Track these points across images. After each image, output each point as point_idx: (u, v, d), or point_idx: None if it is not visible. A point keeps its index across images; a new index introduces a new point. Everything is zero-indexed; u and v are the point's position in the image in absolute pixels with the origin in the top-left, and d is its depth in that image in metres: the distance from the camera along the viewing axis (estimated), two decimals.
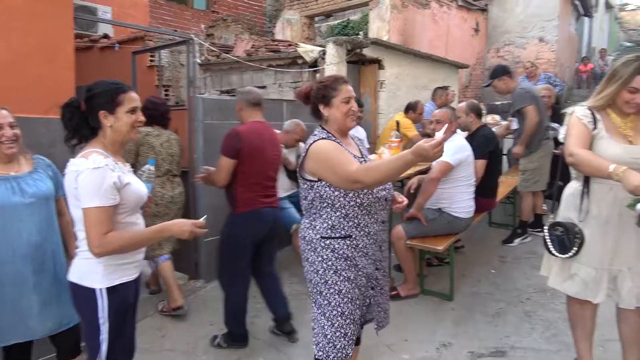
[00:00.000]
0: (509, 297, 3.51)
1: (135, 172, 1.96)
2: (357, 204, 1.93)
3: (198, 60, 6.64)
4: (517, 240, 4.61)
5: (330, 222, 1.94)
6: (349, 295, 1.96)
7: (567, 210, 2.31)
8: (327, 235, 1.94)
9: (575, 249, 2.17)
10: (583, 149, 2.11)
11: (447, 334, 3.04)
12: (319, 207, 1.96)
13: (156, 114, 3.40)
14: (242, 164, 2.78)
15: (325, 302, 1.95)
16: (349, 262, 1.96)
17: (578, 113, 2.23)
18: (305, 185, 1.98)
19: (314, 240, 1.97)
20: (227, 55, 6.68)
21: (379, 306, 2.11)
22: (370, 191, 1.93)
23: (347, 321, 1.96)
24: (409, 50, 7.01)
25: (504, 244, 4.61)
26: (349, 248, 1.95)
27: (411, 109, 5.46)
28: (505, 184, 4.76)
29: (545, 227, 2.30)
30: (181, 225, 1.75)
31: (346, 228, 1.94)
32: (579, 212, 2.23)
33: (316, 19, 11.18)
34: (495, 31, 12.21)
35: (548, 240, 2.28)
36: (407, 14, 8.76)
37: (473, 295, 3.58)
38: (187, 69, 4.12)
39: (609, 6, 21.48)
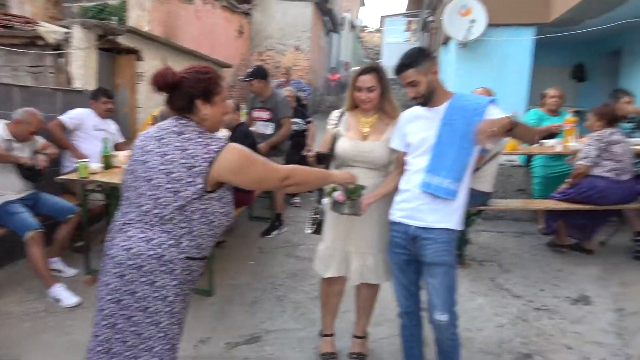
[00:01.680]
0: (265, 285, 3.74)
1: None
2: (226, 225, 1.83)
3: None
4: (274, 232, 4.94)
5: (199, 241, 1.73)
6: (182, 325, 1.80)
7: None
8: (191, 256, 1.72)
9: (315, 227, 2.52)
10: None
11: (206, 329, 3.05)
12: (194, 222, 1.69)
13: None
14: None
15: (161, 333, 1.70)
16: (192, 285, 1.80)
17: (329, 117, 2.61)
18: (195, 196, 1.65)
19: (175, 261, 1.68)
20: None
21: None
22: None
23: (174, 355, 1.78)
24: (171, 44, 6.80)
25: (262, 236, 4.88)
26: (200, 270, 1.82)
27: None
28: None
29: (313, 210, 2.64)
30: None
31: (207, 249, 1.79)
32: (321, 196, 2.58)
33: None
34: (258, 35, 12.88)
35: (308, 220, 2.62)
36: (169, 7, 8.48)
37: (232, 287, 3.68)
38: None
39: (352, 26, 24.95)
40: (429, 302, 2.20)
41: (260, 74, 4.73)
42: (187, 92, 1.70)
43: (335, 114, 2.61)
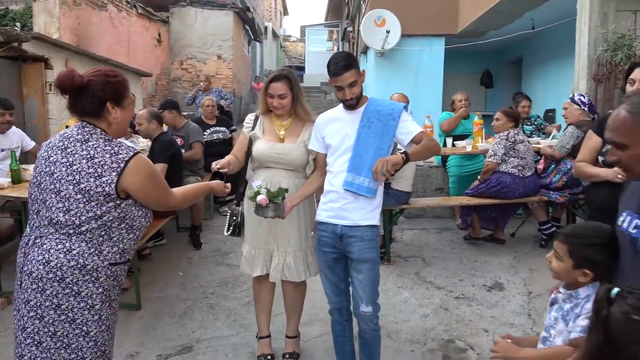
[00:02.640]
0: (196, 294, 3.67)
1: None
2: (148, 225, 1.83)
3: None
4: (151, 242, 4.63)
5: (121, 246, 1.72)
6: (112, 330, 1.79)
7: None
8: (115, 262, 1.71)
9: (231, 229, 2.61)
10: (231, 155, 2.55)
11: (135, 344, 2.95)
12: (113, 229, 1.67)
13: None
14: None
15: (91, 342, 1.68)
16: (119, 290, 1.80)
17: (244, 122, 2.64)
18: (110, 204, 1.63)
19: (99, 269, 1.66)
20: None
21: None
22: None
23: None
24: (83, 52, 6.49)
25: (196, 248, 4.71)
26: (124, 273, 1.81)
27: None
28: None
29: (228, 213, 2.69)
30: None
31: (130, 252, 1.79)
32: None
33: None
34: (178, 44, 12.59)
35: (226, 223, 2.66)
36: (80, 13, 8.08)
37: (161, 299, 3.58)
38: None
39: (275, 35, 25.12)
40: (355, 296, 2.31)
41: (168, 105, 4.99)
42: (96, 95, 1.65)
43: (250, 117, 2.65)
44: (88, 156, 1.62)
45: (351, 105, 2.27)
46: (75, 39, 7.69)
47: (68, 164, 1.62)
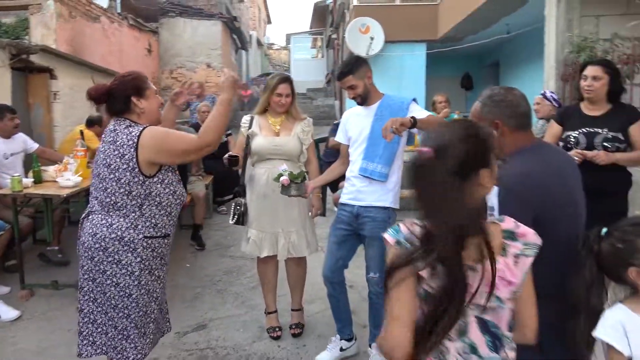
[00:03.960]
0: (204, 282, 3.99)
1: None
2: (180, 203, 2.05)
3: None
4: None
5: (153, 221, 1.96)
6: (154, 294, 2.05)
7: None
8: (150, 235, 1.95)
9: (236, 217, 2.92)
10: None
11: None
12: (143, 205, 1.93)
13: None
14: None
15: (133, 304, 1.96)
16: (162, 261, 2.06)
17: (241, 123, 2.99)
18: (136, 180, 1.89)
19: (135, 241, 1.92)
20: None
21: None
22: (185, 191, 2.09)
23: (149, 319, 2.05)
24: (84, 62, 6.77)
25: (200, 248, 4.94)
26: (166, 247, 2.06)
27: (96, 123, 5.22)
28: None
29: (232, 204, 2.98)
30: None
31: (167, 227, 2.02)
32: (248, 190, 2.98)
33: None
34: (167, 53, 12.85)
35: (231, 213, 2.97)
36: (75, 25, 8.34)
37: (171, 287, 3.85)
38: None
39: (260, 44, 25.46)
40: (366, 265, 2.66)
41: None
42: (121, 95, 1.98)
43: (245, 118, 3.02)
44: (112, 141, 1.94)
45: (359, 103, 2.64)
46: (71, 50, 7.94)
47: (103, 150, 1.99)
